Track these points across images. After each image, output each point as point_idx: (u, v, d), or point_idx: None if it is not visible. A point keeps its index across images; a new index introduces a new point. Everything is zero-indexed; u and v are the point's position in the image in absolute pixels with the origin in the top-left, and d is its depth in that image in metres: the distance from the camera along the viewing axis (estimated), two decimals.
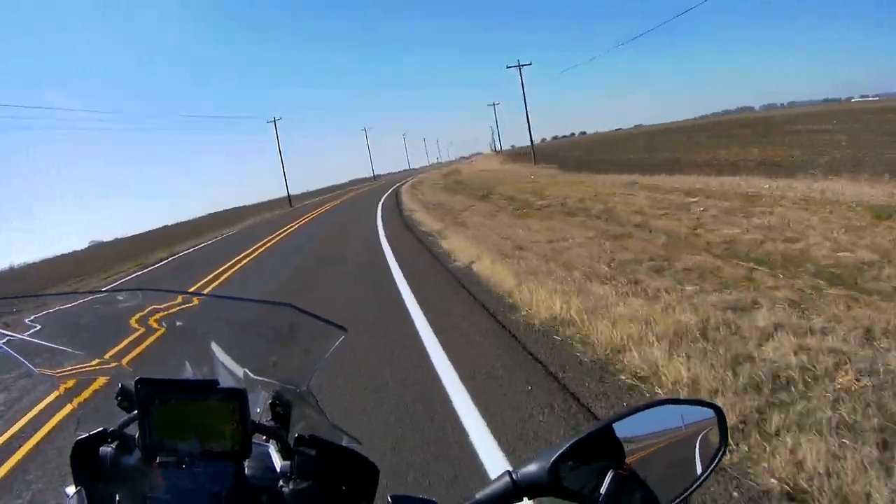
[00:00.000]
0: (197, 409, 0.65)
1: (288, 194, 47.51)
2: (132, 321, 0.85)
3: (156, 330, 0.84)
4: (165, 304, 0.84)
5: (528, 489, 0.62)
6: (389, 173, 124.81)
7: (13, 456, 3.42)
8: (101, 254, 28.56)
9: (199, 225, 37.05)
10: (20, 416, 4.08)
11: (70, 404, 0.80)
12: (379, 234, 12.30)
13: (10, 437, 3.74)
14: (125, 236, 46.49)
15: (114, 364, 0.80)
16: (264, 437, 0.72)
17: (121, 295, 0.86)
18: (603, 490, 0.60)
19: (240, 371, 0.78)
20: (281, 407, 0.72)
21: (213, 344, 0.80)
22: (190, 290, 4.35)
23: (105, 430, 0.70)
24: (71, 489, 0.68)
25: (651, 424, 0.66)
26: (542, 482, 0.61)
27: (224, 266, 11.36)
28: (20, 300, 0.85)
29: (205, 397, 0.65)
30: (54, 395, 3.87)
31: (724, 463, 2.12)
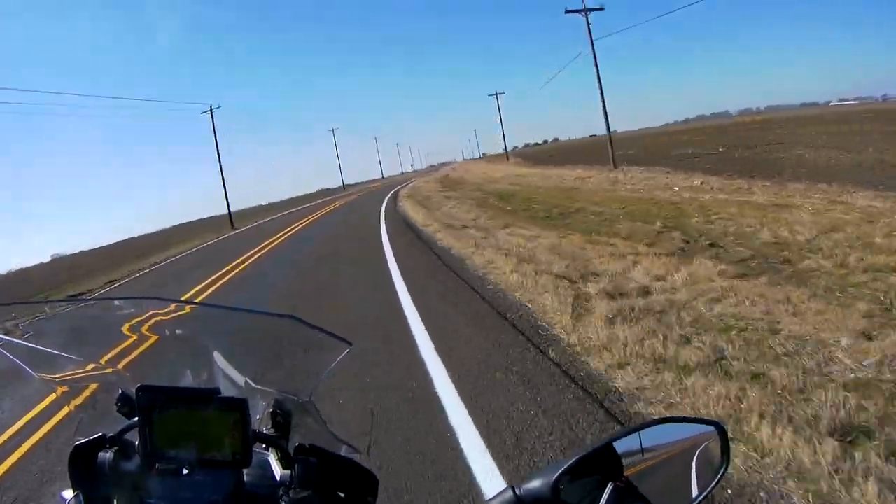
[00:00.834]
0: (198, 418, 0.64)
1: (229, 211, 31.92)
2: (131, 328, 0.85)
3: (154, 337, 0.84)
4: (166, 311, 0.85)
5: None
6: (357, 182, 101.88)
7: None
8: None
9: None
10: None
11: (67, 407, 0.80)
12: None
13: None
14: None
15: (110, 369, 0.80)
16: (264, 445, 0.71)
17: (122, 302, 0.86)
18: (602, 503, 0.60)
19: (241, 380, 0.78)
20: (281, 416, 0.72)
21: (215, 353, 0.80)
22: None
23: (104, 435, 0.70)
24: (68, 493, 0.68)
25: (653, 441, 0.67)
26: (544, 497, 0.61)
27: None
28: (19, 306, 0.85)
29: (206, 406, 0.64)
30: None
31: None
